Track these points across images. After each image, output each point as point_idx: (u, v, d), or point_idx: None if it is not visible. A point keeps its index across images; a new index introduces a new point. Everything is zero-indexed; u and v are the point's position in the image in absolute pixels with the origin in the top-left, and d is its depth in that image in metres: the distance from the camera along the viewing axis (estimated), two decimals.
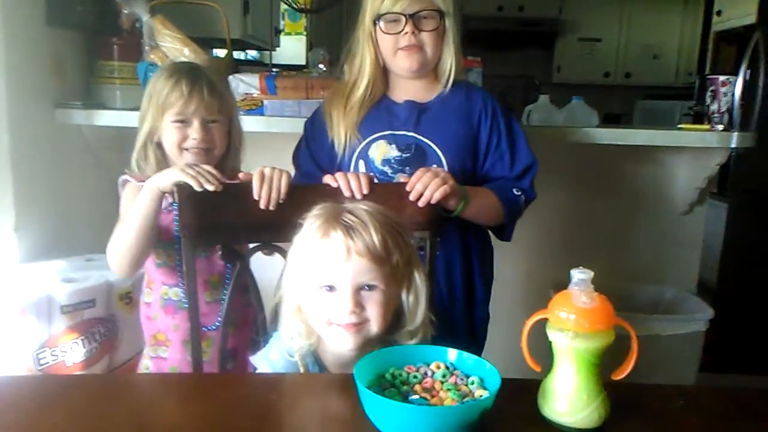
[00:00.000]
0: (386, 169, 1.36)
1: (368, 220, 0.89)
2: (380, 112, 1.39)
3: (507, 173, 1.40)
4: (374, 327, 0.90)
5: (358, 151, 1.37)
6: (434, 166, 1.32)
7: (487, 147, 1.40)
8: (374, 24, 1.34)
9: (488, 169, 1.41)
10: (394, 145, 1.36)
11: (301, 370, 0.94)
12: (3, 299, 1.47)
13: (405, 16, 1.30)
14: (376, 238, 0.87)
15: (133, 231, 1.22)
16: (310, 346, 0.95)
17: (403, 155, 1.36)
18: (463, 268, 1.42)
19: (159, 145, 1.32)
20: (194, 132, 1.28)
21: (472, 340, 1.44)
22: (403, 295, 0.93)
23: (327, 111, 1.41)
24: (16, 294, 1.49)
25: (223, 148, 1.34)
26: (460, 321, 1.43)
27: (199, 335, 1.19)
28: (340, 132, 1.37)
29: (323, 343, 0.95)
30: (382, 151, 1.36)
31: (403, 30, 1.31)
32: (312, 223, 0.92)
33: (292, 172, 1.34)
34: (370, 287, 0.89)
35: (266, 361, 0.98)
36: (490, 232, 1.47)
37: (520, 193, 1.38)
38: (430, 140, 1.36)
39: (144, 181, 1.24)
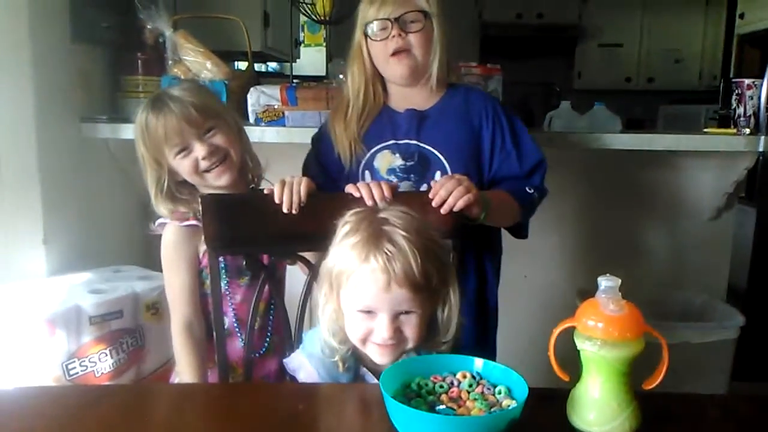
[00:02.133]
0: (391, 178, 1.36)
1: (407, 248, 0.88)
2: (383, 122, 1.40)
3: (516, 172, 1.40)
4: (410, 344, 0.93)
5: (363, 161, 1.38)
6: (438, 173, 1.34)
7: (492, 148, 1.39)
8: (364, 35, 1.37)
9: (496, 169, 1.40)
10: (398, 154, 1.37)
11: (340, 368, 0.95)
12: (33, 311, 1.49)
13: (390, 20, 1.32)
14: (415, 268, 0.87)
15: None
16: (348, 350, 0.96)
17: (407, 163, 1.36)
18: (476, 271, 1.42)
19: (183, 183, 1.28)
20: (199, 151, 1.23)
21: (486, 346, 1.44)
22: (438, 312, 0.95)
23: (331, 125, 1.43)
24: (46, 305, 1.51)
25: (238, 148, 1.29)
26: (472, 325, 1.42)
27: (224, 343, 1.19)
28: (344, 144, 1.38)
29: None
30: (386, 160, 1.37)
31: (390, 34, 1.33)
32: (348, 235, 0.91)
33: None
34: (408, 313, 0.90)
35: (304, 355, 0.98)
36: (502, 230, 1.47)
37: (533, 190, 1.38)
38: (432, 147, 1.36)
39: (181, 218, 1.25)
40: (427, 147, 1.36)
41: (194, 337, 1.24)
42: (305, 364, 0.98)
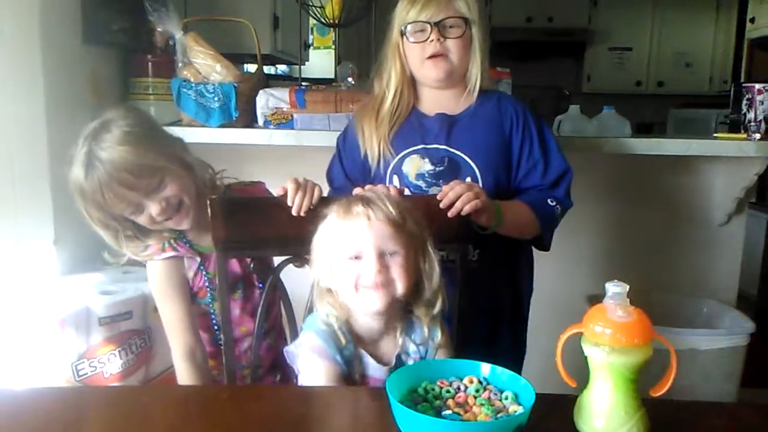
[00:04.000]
0: (420, 183, 1.35)
1: (382, 197, 1.01)
2: (412, 126, 1.39)
3: (540, 181, 1.39)
4: (399, 286, 0.98)
5: (392, 165, 1.37)
6: (468, 179, 1.33)
7: (519, 156, 1.39)
8: (401, 35, 1.36)
9: (521, 178, 1.39)
10: (427, 159, 1.36)
11: (342, 341, 0.99)
12: (43, 311, 1.50)
13: (430, 24, 1.32)
14: (391, 207, 0.99)
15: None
16: (344, 321, 1.01)
17: (437, 169, 1.35)
18: (509, 285, 1.44)
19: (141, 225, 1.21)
20: (153, 209, 1.16)
21: (518, 355, 1.47)
22: (420, 263, 1.02)
23: (358, 125, 1.42)
24: (56, 306, 1.52)
25: (192, 189, 1.21)
26: (507, 338, 1.45)
27: (231, 345, 1.20)
28: (373, 145, 1.37)
29: (354, 318, 1.01)
30: (415, 165, 1.36)
31: (428, 38, 1.32)
32: (332, 210, 1.02)
33: (325, 187, 1.35)
34: (392, 253, 0.98)
35: (311, 330, 1.00)
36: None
37: (555, 203, 1.37)
38: (462, 152, 1.35)
39: (157, 252, 1.23)
40: (456, 152, 1.35)
41: (197, 364, 1.25)
42: (309, 340, 0.99)
